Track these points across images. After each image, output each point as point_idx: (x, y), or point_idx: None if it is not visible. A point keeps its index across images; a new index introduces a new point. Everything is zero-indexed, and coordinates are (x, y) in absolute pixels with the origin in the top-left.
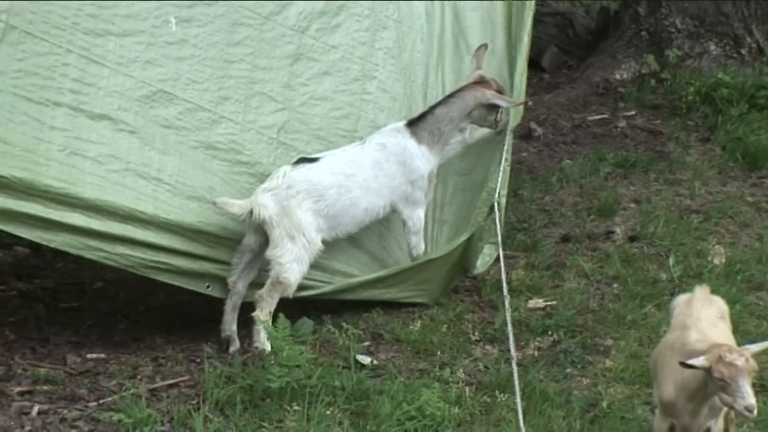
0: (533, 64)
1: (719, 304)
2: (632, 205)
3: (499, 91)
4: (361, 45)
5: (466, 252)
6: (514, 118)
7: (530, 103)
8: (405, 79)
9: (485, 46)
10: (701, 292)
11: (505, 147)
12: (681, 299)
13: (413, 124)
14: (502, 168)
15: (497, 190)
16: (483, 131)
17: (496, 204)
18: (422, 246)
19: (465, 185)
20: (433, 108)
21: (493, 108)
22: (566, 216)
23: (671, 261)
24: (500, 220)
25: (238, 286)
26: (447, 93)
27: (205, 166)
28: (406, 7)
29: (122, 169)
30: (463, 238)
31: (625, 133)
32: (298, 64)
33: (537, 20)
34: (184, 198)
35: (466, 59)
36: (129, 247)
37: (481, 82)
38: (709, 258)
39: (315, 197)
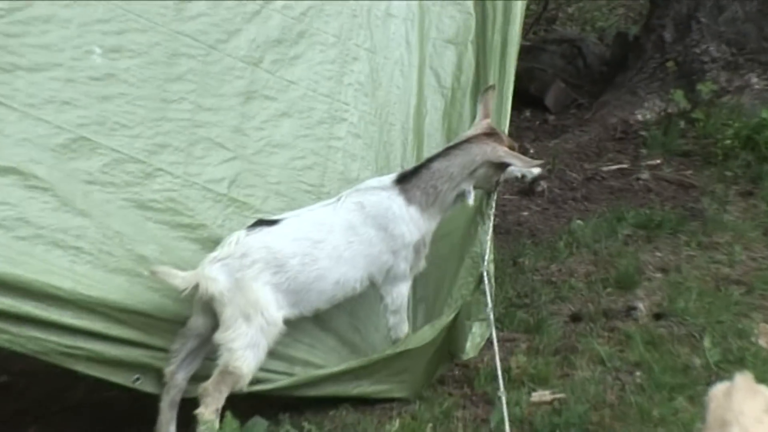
0: (535, 102)
1: (766, 396)
2: (658, 274)
3: (512, 148)
4: (327, 80)
5: (452, 334)
6: None
7: (531, 151)
8: (381, 122)
9: (492, 87)
10: (743, 381)
11: (493, 199)
12: (719, 390)
13: (403, 179)
14: (489, 226)
15: (485, 255)
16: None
17: (485, 273)
18: (405, 327)
19: (444, 251)
20: (429, 161)
21: (501, 168)
22: (577, 289)
23: (707, 343)
24: (491, 293)
25: (178, 377)
26: (447, 142)
27: (137, 229)
28: (381, 34)
29: (33, 235)
30: (447, 319)
31: (648, 187)
32: (250, 103)
33: (540, 49)
34: (109, 271)
35: (444, 98)
36: (41, 330)
37: (491, 134)
38: (753, 339)
39: (275, 268)
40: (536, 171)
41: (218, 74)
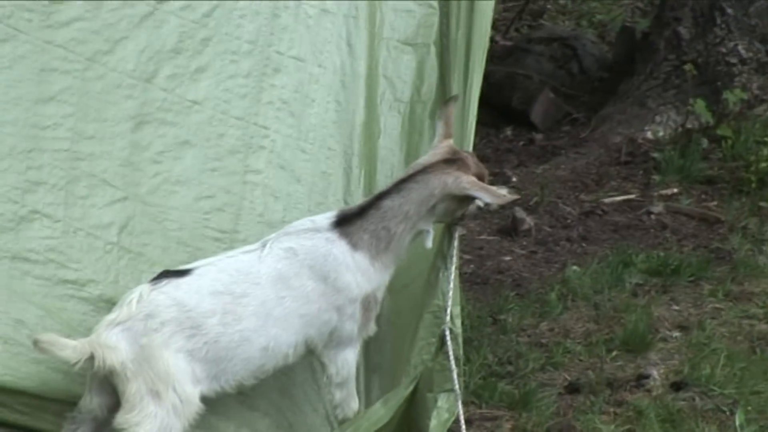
0: (519, 118)
1: None
2: (676, 333)
3: (480, 177)
4: (240, 99)
5: (411, 410)
6: None
7: (514, 180)
8: (315, 148)
9: (454, 99)
10: None
11: (455, 238)
12: None
13: (345, 220)
14: (452, 271)
15: (447, 308)
16: None
17: (447, 331)
18: (354, 404)
19: (403, 307)
20: (378, 198)
21: (466, 201)
22: (574, 353)
23: (739, 419)
24: (456, 354)
25: None
26: (401, 174)
27: (11, 287)
28: (313, 37)
29: None
30: (405, 391)
31: (662, 223)
32: (143, 129)
33: (524, 50)
34: None
35: (401, 114)
36: None
37: (453, 160)
38: None
39: (189, 330)
40: (499, 201)
41: (101, 94)
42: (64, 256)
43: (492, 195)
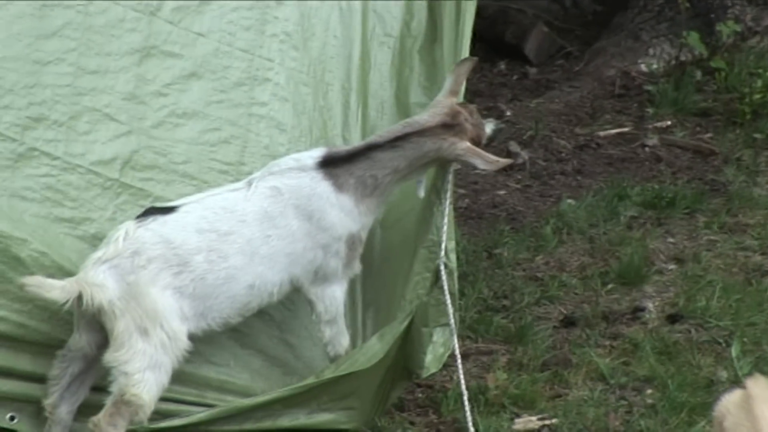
0: (512, 52)
1: None
2: (671, 266)
3: (477, 140)
4: (245, 31)
5: (408, 345)
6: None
7: (502, 126)
8: (315, 81)
9: (471, 60)
10: (759, 387)
11: (449, 173)
12: (729, 403)
13: (332, 162)
14: (446, 206)
15: (442, 242)
16: None
17: (442, 265)
18: (344, 341)
19: (395, 242)
20: (370, 148)
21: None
22: (570, 286)
23: (735, 351)
24: (451, 289)
25: (61, 411)
26: (396, 127)
27: (9, 225)
28: None
29: None
30: (400, 327)
31: (657, 156)
32: (148, 62)
33: None
34: None
35: (391, 50)
36: None
37: (451, 125)
38: None
39: (176, 267)
40: (493, 167)
41: (104, 28)
42: (61, 193)
43: (485, 161)
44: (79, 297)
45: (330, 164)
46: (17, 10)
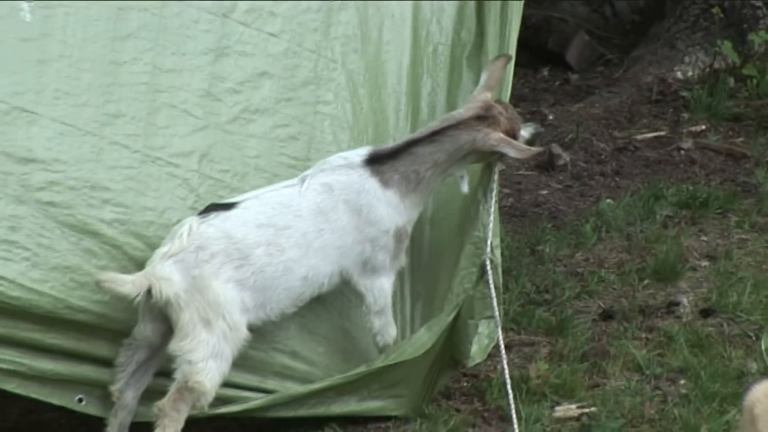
0: (554, 59)
1: None
2: (705, 263)
3: (511, 132)
4: (313, 32)
5: (455, 336)
6: None
7: (541, 130)
8: (370, 84)
9: (506, 57)
10: None
11: (495, 173)
12: (759, 391)
13: (378, 159)
14: (492, 204)
15: (488, 239)
16: None
17: (487, 261)
18: (392, 331)
19: (442, 238)
20: (411, 144)
21: (496, 153)
22: (608, 282)
23: (764, 343)
24: (496, 285)
25: (127, 396)
26: (434, 123)
27: (89, 217)
28: None
29: None
30: (447, 319)
31: (691, 158)
32: (222, 61)
33: None
34: (47, 269)
35: (442, 57)
36: None
37: (485, 116)
38: None
39: (237, 261)
40: (525, 155)
41: (179, 29)
42: (142, 185)
43: (518, 150)
44: (148, 290)
45: (376, 161)
46: (92, 14)
